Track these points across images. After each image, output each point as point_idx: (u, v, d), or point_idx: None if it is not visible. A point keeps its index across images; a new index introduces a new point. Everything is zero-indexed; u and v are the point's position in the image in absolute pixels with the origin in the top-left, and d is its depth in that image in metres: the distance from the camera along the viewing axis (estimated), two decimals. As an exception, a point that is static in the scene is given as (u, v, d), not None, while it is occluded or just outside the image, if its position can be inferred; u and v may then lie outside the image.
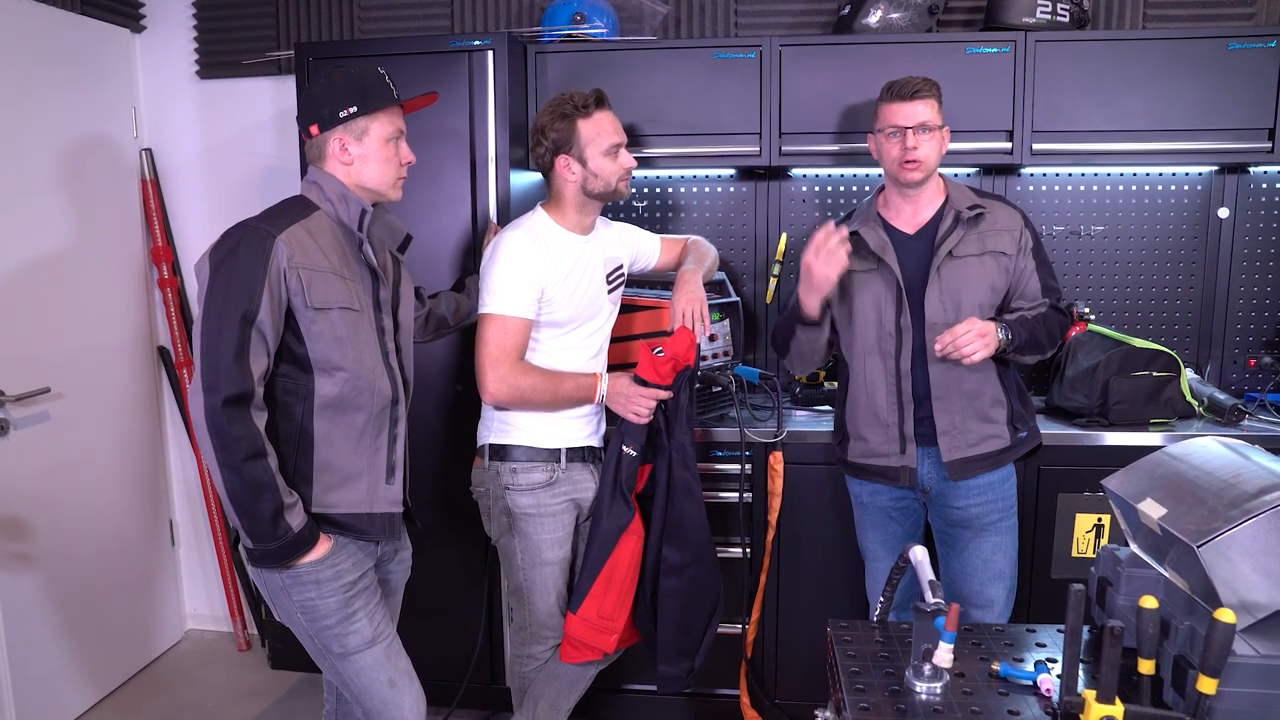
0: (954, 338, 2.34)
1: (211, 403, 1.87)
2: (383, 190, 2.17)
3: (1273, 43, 2.88)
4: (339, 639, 2.08)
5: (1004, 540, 2.57)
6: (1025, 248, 2.52)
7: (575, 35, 3.15)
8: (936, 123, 2.46)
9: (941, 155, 2.50)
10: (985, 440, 2.51)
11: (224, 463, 1.88)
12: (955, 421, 2.49)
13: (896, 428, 2.53)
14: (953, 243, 2.47)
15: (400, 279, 2.29)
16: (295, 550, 1.98)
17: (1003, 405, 2.53)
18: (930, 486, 2.57)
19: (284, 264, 1.95)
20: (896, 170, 2.47)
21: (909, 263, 2.50)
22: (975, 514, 2.54)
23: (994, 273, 2.49)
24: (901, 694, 1.53)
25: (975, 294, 2.48)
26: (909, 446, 2.53)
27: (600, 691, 3.08)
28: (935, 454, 2.52)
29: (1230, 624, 1.30)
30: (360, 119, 2.09)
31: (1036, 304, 2.53)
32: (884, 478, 2.59)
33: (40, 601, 3.15)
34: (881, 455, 2.57)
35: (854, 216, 2.63)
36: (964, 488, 2.53)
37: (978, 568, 2.56)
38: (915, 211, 2.54)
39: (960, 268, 2.48)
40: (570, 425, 2.53)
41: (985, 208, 2.51)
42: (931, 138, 2.45)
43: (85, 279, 3.38)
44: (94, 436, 3.41)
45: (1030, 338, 2.45)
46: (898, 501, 2.63)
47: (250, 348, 1.90)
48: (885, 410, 2.54)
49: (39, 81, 3.16)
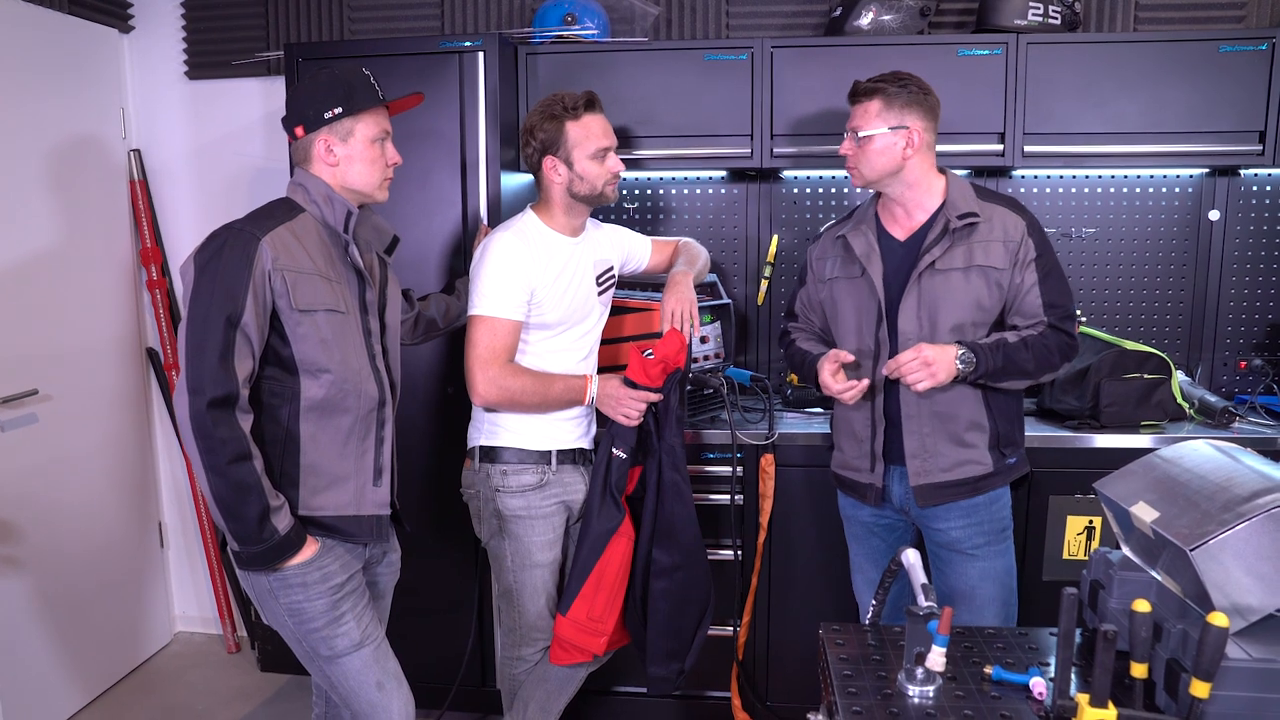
0: (898, 365, 2.25)
1: (196, 405, 1.86)
2: (369, 191, 2.15)
3: (1263, 45, 2.89)
4: (326, 641, 2.07)
5: (991, 566, 2.42)
6: (1024, 260, 2.32)
7: (566, 36, 3.14)
8: (868, 128, 2.31)
9: (898, 160, 2.32)
10: (960, 465, 2.36)
11: (209, 465, 1.88)
12: (926, 444, 2.36)
13: (868, 443, 2.44)
14: (936, 254, 2.32)
15: (387, 281, 2.28)
16: (282, 553, 1.97)
17: (982, 429, 2.37)
18: (906, 507, 2.45)
19: (269, 266, 1.94)
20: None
21: (893, 272, 2.38)
22: (958, 537, 2.41)
23: (980, 289, 2.32)
24: (894, 697, 1.52)
25: (955, 311, 2.32)
26: (878, 464, 2.43)
27: (590, 694, 3.07)
28: (906, 477, 2.41)
29: (1223, 627, 1.30)
30: (345, 120, 2.08)
31: (1033, 321, 2.33)
32: (855, 492, 2.52)
33: (28, 604, 3.12)
34: (854, 470, 2.50)
35: (852, 217, 2.53)
36: (944, 509, 2.40)
37: (964, 594, 2.43)
38: (908, 216, 2.41)
39: (942, 282, 2.32)
40: (560, 427, 2.52)
41: (979, 216, 2.32)
42: (867, 144, 2.32)
43: (73, 280, 3.36)
44: (82, 438, 3.39)
45: (1007, 364, 2.28)
46: (878, 518, 2.53)
47: (235, 350, 1.89)
48: (860, 424, 2.45)
49: (26, 81, 3.14)
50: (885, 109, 2.31)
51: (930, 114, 2.35)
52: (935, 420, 2.36)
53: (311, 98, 2.08)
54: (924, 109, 2.33)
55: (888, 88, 2.31)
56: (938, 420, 2.36)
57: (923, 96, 2.34)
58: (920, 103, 2.33)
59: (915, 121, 2.32)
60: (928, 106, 2.34)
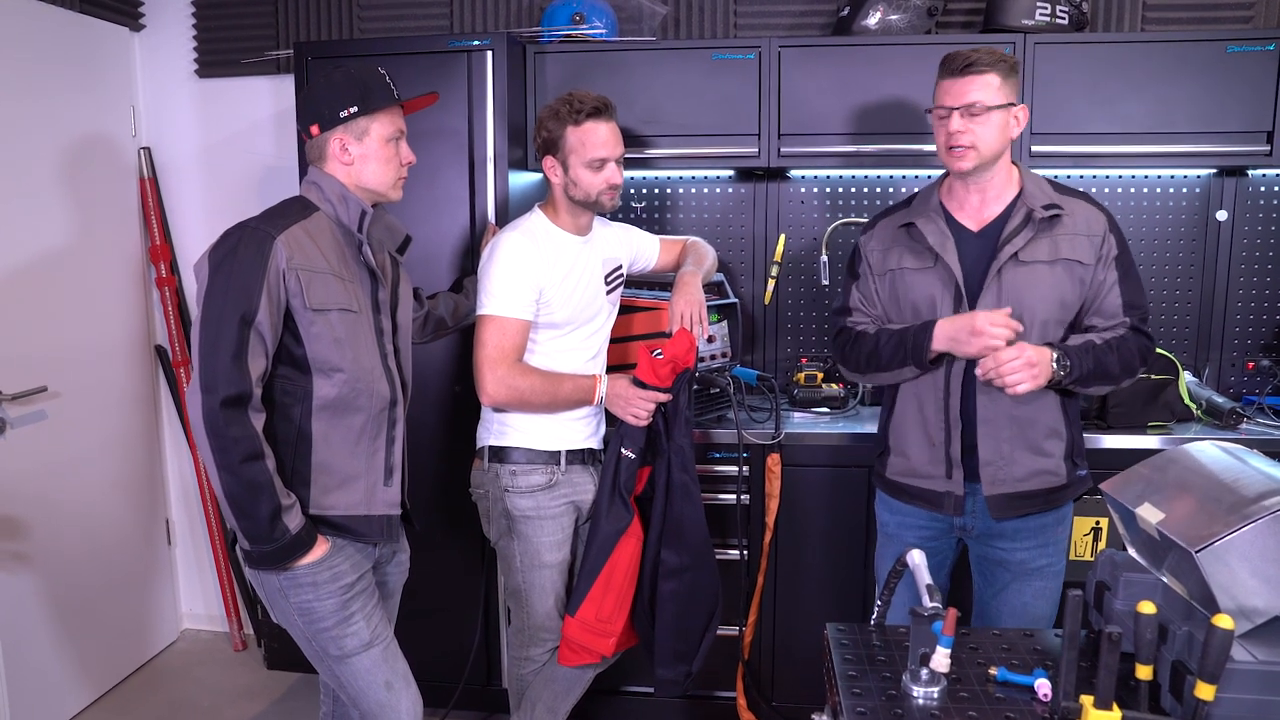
0: (997, 364, 2.07)
1: (209, 404, 1.87)
2: (383, 191, 2.16)
3: (1271, 45, 2.88)
4: (336, 641, 2.08)
5: (1048, 586, 2.30)
6: (1107, 256, 2.19)
7: (574, 35, 3.14)
8: (993, 102, 2.13)
9: (1008, 140, 2.19)
10: (1035, 476, 2.22)
11: (222, 464, 1.88)
12: (1002, 451, 2.20)
13: (943, 448, 2.25)
14: (1019, 244, 2.16)
15: (399, 280, 2.28)
16: (293, 552, 1.97)
17: (1060, 437, 2.23)
18: (973, 525, 2.30)
19: (283, 265, 1.95)
20: (945, 157, 2.21)
21: (969, 263, 2.21)
22: (1024, 558, 2.28)
23: (1065, 284, 2.17)
24: (898, 698, 1.53)
25: (1039, 307, 2.17)
26: (955, 471, 2.24)
27: (598, 694, 3.07)
28: (979, 489, 2.25)
29: (1228, 630, 1.30)
30: (361, 119, 2.09)
31: (1114, 323, 2.19)
32: (925, 501, 2.31)
33: (36, 601, 3.14)
34: (924, 476, 2.30)
35: (913, 204, 2.35)
36: (1012, 529, 2.26)
37: (1016, 611, 2.30)
38: (982, 204, 2.24)
39: (1026, 275, 2.16)
40: (570, 427, 2.53)
41: (1064, 208, 2.18)
42: (985, 120, 2.13)
43: (83, 277, 3.37)
44: (91, 435, 3.41)
45: (1097, 368, 2.14)
46: (926, 540, 2.33)
47: (249, 349, 1.90)
48: (934, 426, 2.26)
49: (38, 79, 3.16)
50: (1004, 82, 2.16)
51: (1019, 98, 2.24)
52: (1014, 425, 2.21)
53: (328, 96, 2.09)
54: (1019, 89, 2.23)
55: (1003, 62, 2.16)
56: (1016, 426, 2.21)
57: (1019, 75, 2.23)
58: (1018, 82, 2.22)
59: (1018, 100, 2.21)
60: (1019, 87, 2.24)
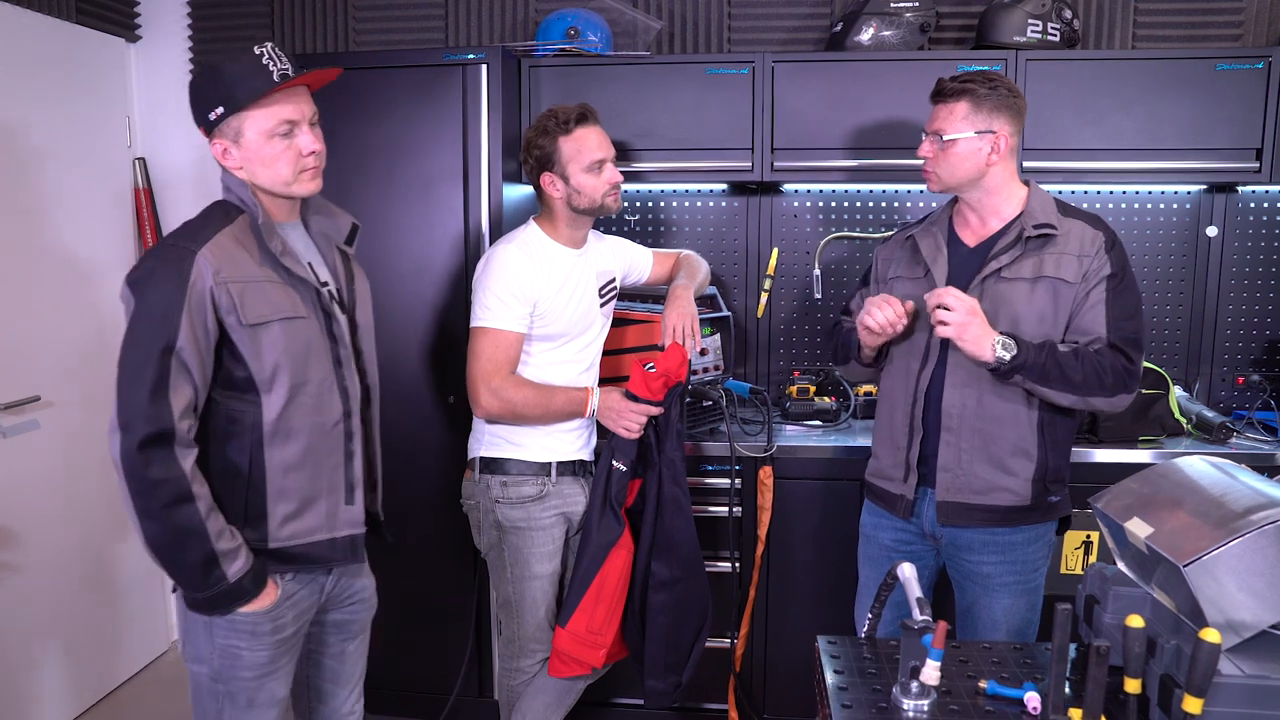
0: (938, 298, 2.10)
1: (126, 444, 1.69)
2: (282, 190, 1.90)
3: (1260, 64, 2.91)
4: (249, 693, 1.91)
5: (1018, 604, 2.28)
6: (1095, 275, 2.16)
7: (569, 50, 3.16)
8: (952, 133, 2.17)
9: (980, 166, 2.18)
10: (994, 491, 2.21)
11: (142, 510, 1.73)
12: (961, 460, 2.21)
13: (904, 452, 2.30)
14: (1004, 260, 2.18)
15: (353, 276, 2.08)
16: (232, 601, 1.82)
17: (1029, 458, 2.20)
18: (940, 534, 2.30)
19: (209, 282, 1.75)
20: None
21: (958, 277, 2.24)
22: (989, 572, 2.27)
23: (1044, 301, 2.17)
24: (889, 711, 1.53)
25: (1019, 323, 2.16)
26: (911, 475, 2.29)
27: (588, 706, 3.06)
28: (933, 494, 2.28)
29: (1216, 644, 1.30)
30: (231, 119, 1.83)
31: (1091, 339, 2.16)
32: (885, 503, 2.38)
33: (27, 611, 3.12)
34: (887, 478, 2.36)
35: (925, 220, 2.41)
36: (979, 542, 2.26)
37: (986, 626, 2.30)
38: (982, 223, 2.27)
39: (1007, 290, 2.18)
40: (561, 439, 2.53)
41: (1058, 228, 2.18)
42: (948, 148, 2.18)
43: (77, 287, 3.37)
44: (84, 445, 3.39)
45: (1052, 367, 2.09)
46: (900, 544, 2.38)
47: (170, 380, 1.72)
48: (900, 430, 2.31)
49: (34, 89, 3.15)
50: (973, 111, 2.17)
51: (1017, 118, 2.21)
52: (977, 437, 2.21)
53: (194, 98, 1.85)
54: (1012, 113, 2.19)
55: (977, 88, 2.16)
56: (979, 437, 2.21)
57: (1011, 99, 2.19)
58: (1009, 106, 2.19)
59: (1003, 126, 2.18)
60: (1015, 110, 2.20)
